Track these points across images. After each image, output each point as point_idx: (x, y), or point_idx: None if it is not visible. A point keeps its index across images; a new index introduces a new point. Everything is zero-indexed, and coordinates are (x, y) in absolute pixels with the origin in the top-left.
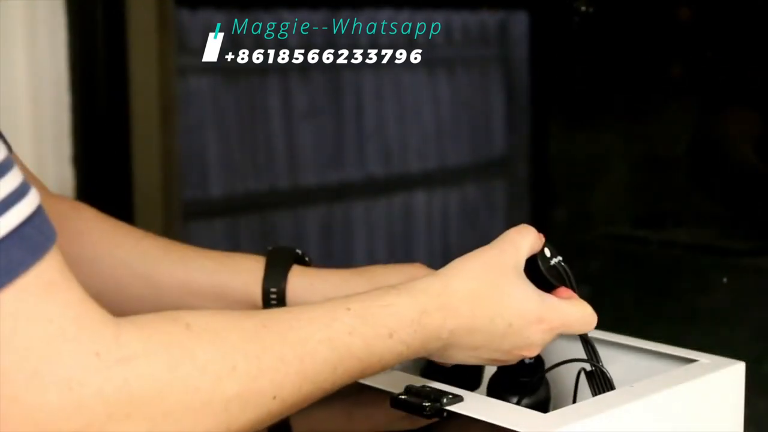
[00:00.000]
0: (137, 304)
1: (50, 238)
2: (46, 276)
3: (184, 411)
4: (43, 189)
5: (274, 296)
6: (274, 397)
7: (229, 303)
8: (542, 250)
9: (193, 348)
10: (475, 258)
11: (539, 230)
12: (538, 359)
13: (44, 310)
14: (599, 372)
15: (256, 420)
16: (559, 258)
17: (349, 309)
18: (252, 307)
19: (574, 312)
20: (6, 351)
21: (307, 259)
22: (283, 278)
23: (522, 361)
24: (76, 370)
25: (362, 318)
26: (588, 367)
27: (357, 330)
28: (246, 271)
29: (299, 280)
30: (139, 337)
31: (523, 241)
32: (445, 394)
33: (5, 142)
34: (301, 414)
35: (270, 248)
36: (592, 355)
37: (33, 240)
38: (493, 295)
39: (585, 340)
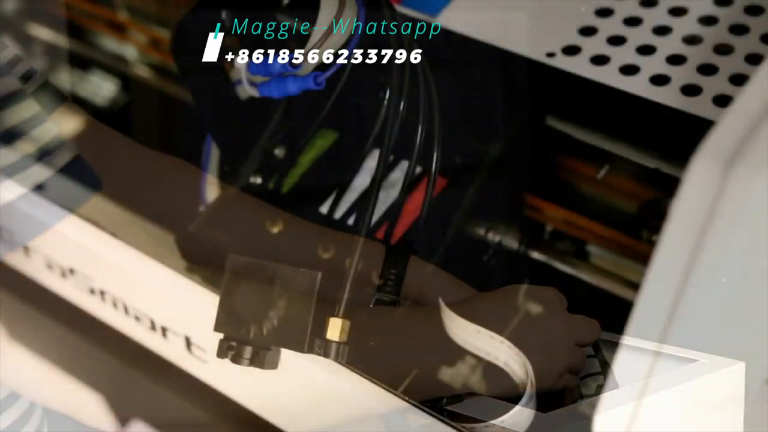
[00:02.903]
0: None
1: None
2: None
3: None
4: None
5: (391, 279)
6: None
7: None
8: None
9: None
10: None
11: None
12: None
13: None
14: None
15: None
16: None
17: None
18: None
19: None
20: None
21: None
22: (403, 263)
23: None
24: None
25: None
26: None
27: None
28: (365, 251)
29: (419, 269)
30: None
31: None
32: None
33: None
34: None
35: None
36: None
37: (91, 171)
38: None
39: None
